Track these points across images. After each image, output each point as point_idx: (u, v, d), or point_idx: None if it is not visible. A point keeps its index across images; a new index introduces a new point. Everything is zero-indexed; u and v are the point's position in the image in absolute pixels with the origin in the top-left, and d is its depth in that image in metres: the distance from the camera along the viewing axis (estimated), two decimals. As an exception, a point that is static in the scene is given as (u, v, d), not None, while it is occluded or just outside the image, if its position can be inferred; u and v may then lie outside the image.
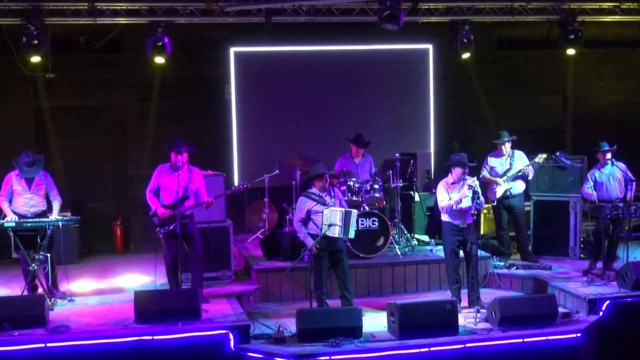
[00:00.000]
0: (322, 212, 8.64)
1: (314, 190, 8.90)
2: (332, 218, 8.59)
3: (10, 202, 9.17)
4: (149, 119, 12.60)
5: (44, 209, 9.22)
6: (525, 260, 10.66)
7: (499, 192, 10.53)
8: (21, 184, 9.15)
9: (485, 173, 10.64)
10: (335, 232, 8.60)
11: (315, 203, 8.79)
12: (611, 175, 10.06)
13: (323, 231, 8.57)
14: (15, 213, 9.07)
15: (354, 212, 8.80)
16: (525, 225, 10.88)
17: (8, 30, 11.13)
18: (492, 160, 10.70)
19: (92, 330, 7.91)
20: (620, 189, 10.04)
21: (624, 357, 8.64)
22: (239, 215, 12.05)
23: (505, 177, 10.51)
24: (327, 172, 8.94)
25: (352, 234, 8.80)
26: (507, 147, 10.59)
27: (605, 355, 8.55)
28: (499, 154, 10.66)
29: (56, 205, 9.24)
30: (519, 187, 10.59)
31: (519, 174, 10.51)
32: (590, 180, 10.13)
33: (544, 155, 10.56)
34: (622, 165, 10.10)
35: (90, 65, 12.42)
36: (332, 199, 8.88)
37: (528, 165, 10.47)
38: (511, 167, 10.53)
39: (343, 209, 8.70)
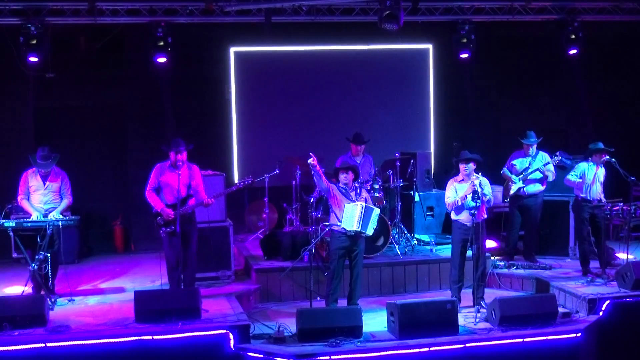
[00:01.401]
0: (345, 206, 8.80)
1: (340, 184, 9.07)
2: (352, 212, 8.72)
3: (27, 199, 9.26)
4: (149, 118, 12.59)
5: (58, 206, 9.27)
6: (527, 259, 10.66)
7: (512, 190, 10.56)
8: (37, 179, 9.24)
9: (505, 170, 10.68)
10: (353, 225, 8.69)
11: (340, 193, 8.96)
12: (597, 176, 10.06)
13: (342, 226, 8.70)
14: None
15: (376, 210, 8.91)
16: (537, 226, 10.82)
17: (8, 30, 11.12)
18: (514, 158, 10.74)
19: (92, 330, 7.91)
20: (600, 191, 10.05)
21: (624, 357, 8.64)
22: (239, 215, 12.04)
23: (521, 176, 10.52)
24: (350, 167, 9.14)
25: (370, 231, 8.89)
26: (533, 148, 10.62)
27: (605, 355, 8.56)
28: (523, 153, 10.69)
29: (63, 203, 9.30)
30: (533, 187, 10.57)
31: (535, 175, 10.48)
32: (576, 173, 10.10)
33: (559, 158, 10.56)
34: (604, 170, 10.12)
35: (90, 65, 12.39)
36: (357, 197, 9.04)
37: (545, 165, 10.45)
38: (529, 167, 10.55)
39: (363, 204, 8.82)
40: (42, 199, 9.23)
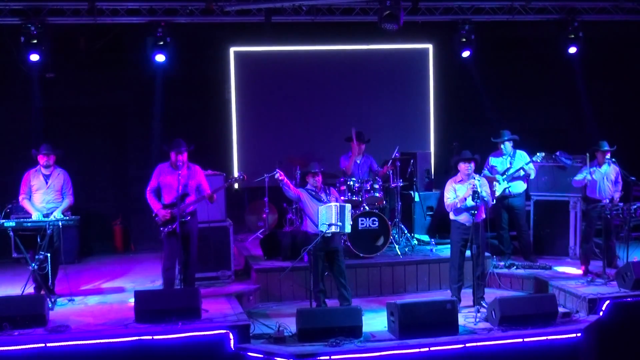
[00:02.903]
0: (317, 208, 8.76)
1: (309, 187, 9.08)
2: (328, 214, 8.69)
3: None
4: (149, 118, 12.58)
5: (60, 206, 9.28)
6: (527, 259, 10.67)
7: (498, 191, 10.55)
8: (38, 179, 9.27)
9: (485, 172, 10.67)
10: (332, 227, 8.68)
11: (310, 197, 8.97)
12: (606, 175, 10.07)
13: (319, 229, 8.68)
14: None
15: (348, 206, 8.89)
16: (527, 225, 10.89)
17: (8, 30, 11.12)
18: (492, 160, 10.75)
19: (92, 330, 7.92)
20: (611, 190, 10.05)
21: (624, 357, 8.63)
22: (239, 215, 12.03)
23: (504, 176, 10.53)
24: (318, 169, 9.08)
25: (348, 229, 8.87)
26: (507, 147, 10.62)
27: (605, 355, 8.55)
28: (500, 154, 10.70)
29: (64, 203, 9.33)
30: (518, 186, 10.60)
31: (519, 173, 10.51)
32: (584, 173, 10.11)
33: (542, 154, 10.57)
34: (617, 168, 10.11)
35: (90, 65, 12.39)
36: (327, 197, 9.03)
37: (527, 164, 10.48)
38: (511, 166, 10.55)
39: (337, 204, 8.79)
40: (45, 197, 9.25)
